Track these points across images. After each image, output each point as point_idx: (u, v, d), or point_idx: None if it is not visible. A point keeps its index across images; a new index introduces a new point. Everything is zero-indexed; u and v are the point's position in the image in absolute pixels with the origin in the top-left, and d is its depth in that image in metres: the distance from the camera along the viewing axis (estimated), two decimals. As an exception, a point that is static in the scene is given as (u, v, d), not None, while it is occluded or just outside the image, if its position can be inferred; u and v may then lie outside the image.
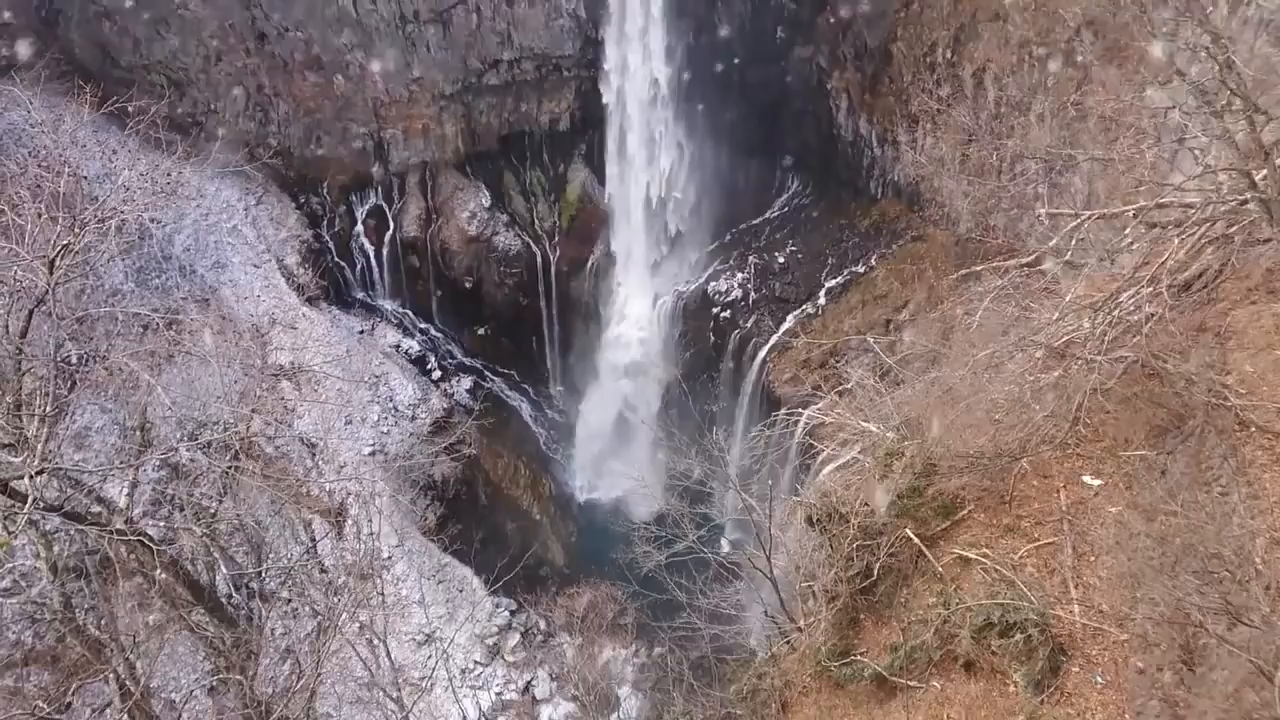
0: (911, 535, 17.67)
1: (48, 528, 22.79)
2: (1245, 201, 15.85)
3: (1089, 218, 17.94)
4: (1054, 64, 39.33)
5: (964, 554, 17.06)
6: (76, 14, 49.20)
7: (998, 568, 16.31)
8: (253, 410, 27.42)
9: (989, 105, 42.81)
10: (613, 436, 60.09)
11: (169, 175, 46.24)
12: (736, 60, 54.78)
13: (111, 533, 21.03)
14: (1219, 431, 14.96)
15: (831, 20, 51.30)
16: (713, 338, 53.72)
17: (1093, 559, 16.03)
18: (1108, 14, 33.45)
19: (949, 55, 44.85)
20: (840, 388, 30.98)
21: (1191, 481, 14.95)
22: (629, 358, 58.85)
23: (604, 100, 55.33)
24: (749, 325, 51.52)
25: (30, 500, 18.67)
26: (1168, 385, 16.37)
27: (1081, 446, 17.47)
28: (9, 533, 19.13)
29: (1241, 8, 28.51)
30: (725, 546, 38.09)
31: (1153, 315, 16.21)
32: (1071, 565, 16.00)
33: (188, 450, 28.12)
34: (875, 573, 18.08)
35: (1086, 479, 17.13)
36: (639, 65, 53.21)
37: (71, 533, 25.52)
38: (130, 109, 31.72)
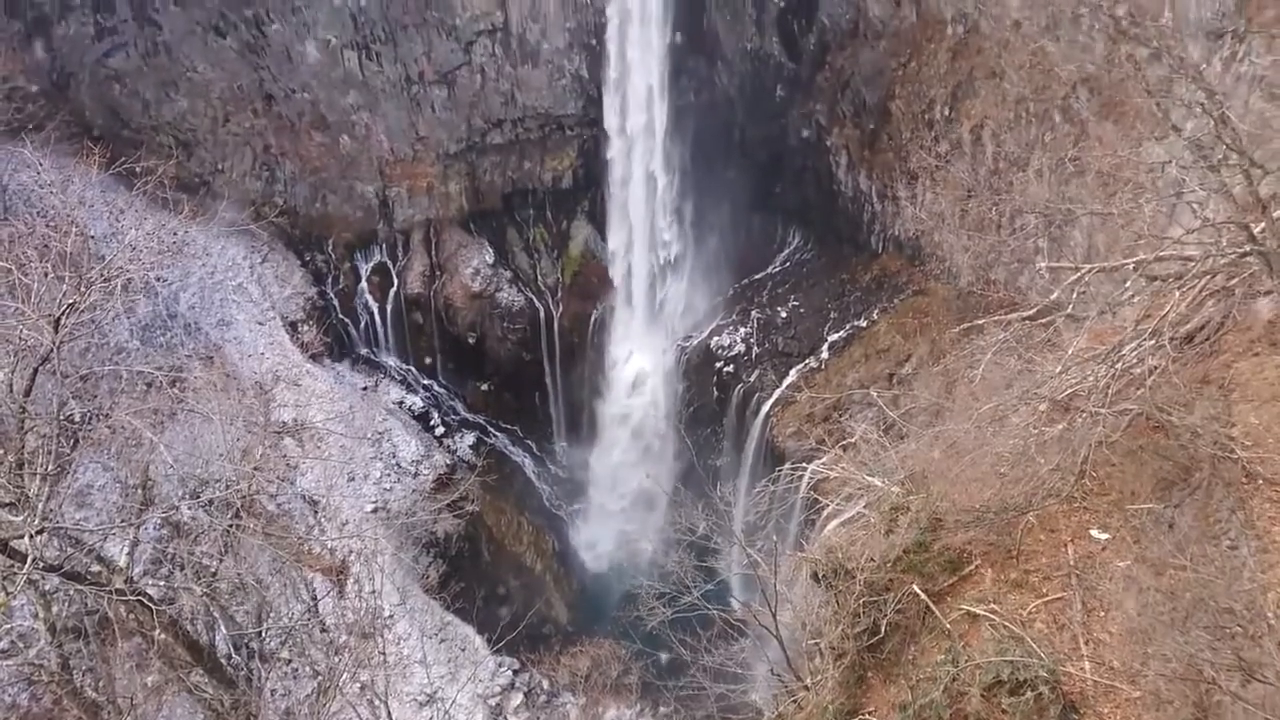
0: (918, 591, 17.47)
1: (47, 588, 22.60)
2: (1245, 254, 15.92)
3: (1089, 271, 18.02)
4: (1051, 120, 39.81)
5: (972, 610, 16.84)
6: (88, 77, 50.03)
7: (1006, 624, 16.09)
8: (255, 468, 27.30)
9: (987, 161, 43.26)
10: (616, 492, 59.80)
11: (175, 234, 46.69)
12: (737, 118, 55.60)
13: (111, 593, 20.84)
14: (1226, 484, 14.86)
15: (830, 78, 52.10)
16: (716, 392, 53.72)
17: (1103, 614, 15.83)
18: (1103, 71, 33.95)
19: (947, 112, 45.43)
20: (844, 442, 30.85)
21: (1200, 535, 14.81)
22: (632, 413, 58.82)
23: (606, 158, 55.97)
24: (752, 379, 51.55)
25: (30, 560, 18.53)
26: (1173, 438, 16.30)
27: (1088, 500, 17.34)
28: (8, 593, 18.96)
29: (1234, 64, 28.92)
30: (731, 603, 37.70)
31: (1156, 368, 16.20)
32: (1081, 621, 15.79)
33: (189, 508, 27.97)
34: (882, 629, 17.84)
35: (1094, 533, 16.98)
36: (641, 123, 53.93)
37: (71, 593, 25.32)
38: (138, 169, 32.16)
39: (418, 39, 51.90)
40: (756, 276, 56.99)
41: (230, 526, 25.35)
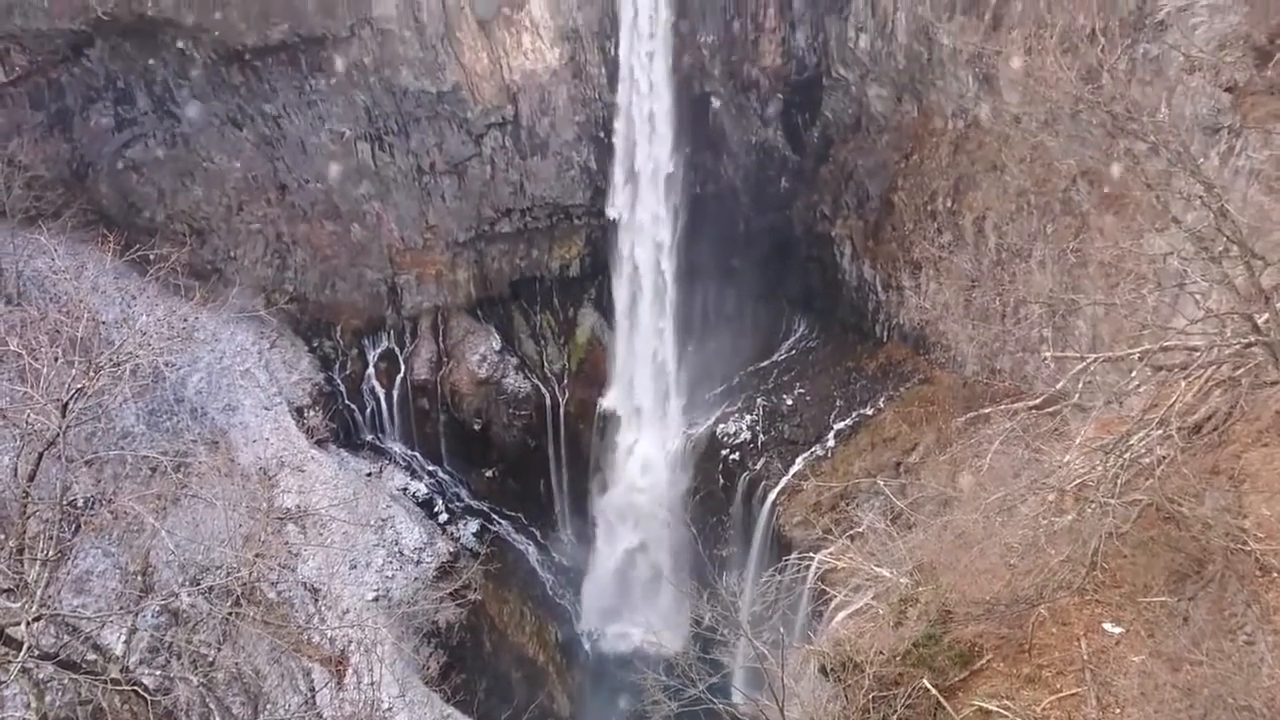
0: (929, 686, 17.10)
1: (41, 676, 22.20)
2: (1249, 345, 15.98)
3: (1095, 361, 18.08)
4: (1052, 212, 40.35)
5: (984, 705, 16.46)
6: (106, 167, 51.08)
7: (1020, 720, 15.72)
8: (257, 555, 27.04)
9: (990, 252, 43.75)
10: (621, 581, 59.02)
11: (186, 320, 47.04)
12: (742, 208, 56.47)
13: (106, 682, 20.46)
14: (1240, 577, 14.66)
15: (834, 171, 53.06)
16: (722, 480, 53.40)
17: (1118, 711, 15.45)
18: (1101, 165, 34.53)
19: (949, 204, 46.11)
20: (852, 531, 30.61)
21: (1215, 629, 14.55)
22: (637, 501, 58.36)
23: (613, 247, 56.69)
24: (758, 467, 51.28)
25: (25, 648, 18.26)
26: (1184, 529, 16.13)
27: (1100, 592, 17.09)
28: (0, 682, 18.63)
29: (1232, 159, 29.45)
30: (737, 696, 36.85)
31: (1164, 458, 16.12)
32: (1096, 718, 15.42)
33: (189, 595, 27.66)
34: (893, 726, 17.42)
35: (1107, 626, 16.69)
36: (648, 213, 54.76)
37: (65, 681, 24.86)
38: (152, 256, 32.59)
39: (430, 131, 53.09)
40: (762, 364, 57.15)
41: (230, 614, 25.02)
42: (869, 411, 50.35)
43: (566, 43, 50.63)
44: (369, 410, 58.83)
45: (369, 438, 59.03)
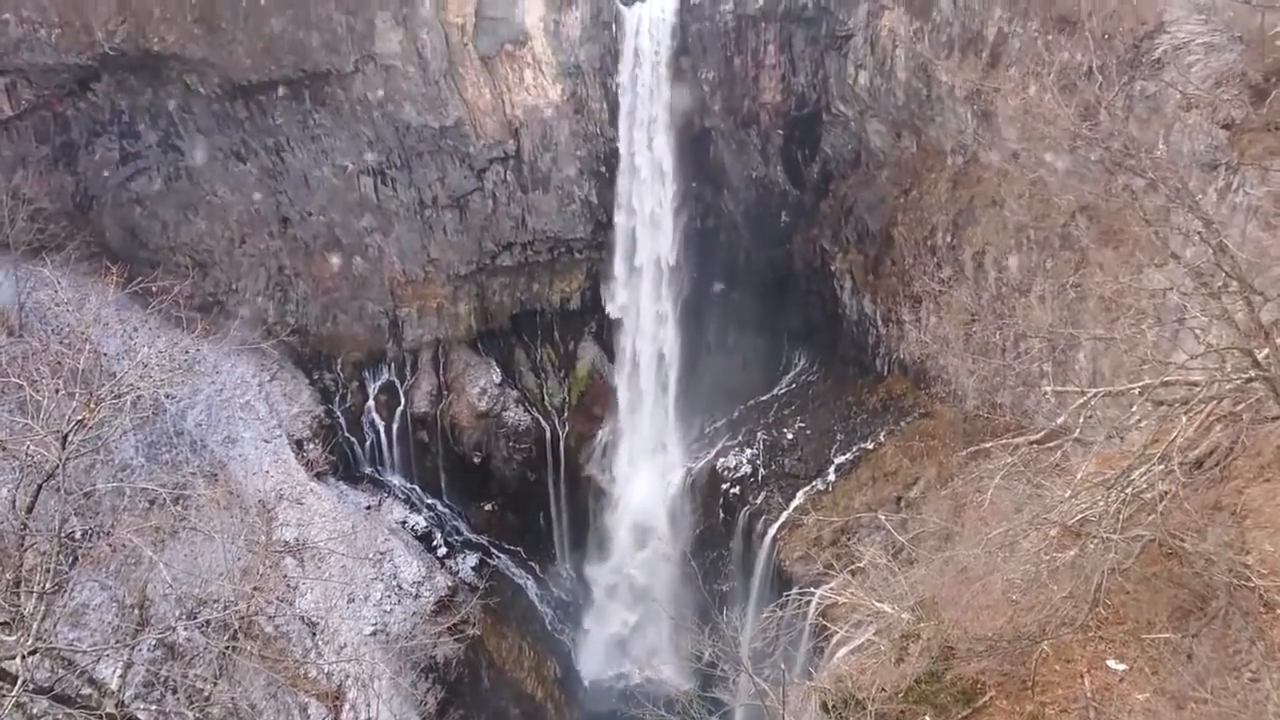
0: (932, 723, 16.96)
1: (35, 711, 22.00)
2: (1250, 380, 15.97)
3: (1095, 395, 18.07)
4: (1052, 247, 40.50)
5: (987, 744, 16.32)
6: (110, 200, 51.34)
7: (1024, 759, 15.56)
8: (255, 588, 26.89)
9: (990, 286, 43.86)
10: (620, 617, 58.62)
11: (187, 352, 47.09)
12: (742, 242, 56.74)
13: (101, 717, 20.27)
14: (1244, 614, 14.57)
15: (833, 206, 53.35)
16: (722, 514, 53.20)
17: (1123, 750, 15.30)
18: (1100, 200, 34.68)
19: (949, 239, 46.29)
20: (853, 566, 30.39)
21: (1220, 666, 14.44)
22: (637, 535, 58.14)
23: (614, 279, 56.88)
24: (759, 501, 51.10)
25: (20, 682, 18.10)
26: (1187, 565, 16.05)
27: (1103, 629, 16.98)
28: (-5, 716, 18.47)
29: (1230, 195, 29.61)
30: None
31: (1166, 493, 16.06)
32: (1101, 757, 15.26)
33: (185, 629, 27.48)
34: (895, 764, 17.25)
35: (1111, 663, 16.56)
36: (649, 247, 55.02)
37: (60, 716, 24.63)
38: (154, 288, 32.65)
39: (432, 165, 53.43)
40: (762, 398, 57.12)
41: (226, 648, 24.84)
42: (870, 445, 50.26)
43: (568, 79, 51.08)
44: (369, 443, 58.74)
45: (368, 470, 58.90)
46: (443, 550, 56.44)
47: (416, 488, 59.74)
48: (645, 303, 56.42)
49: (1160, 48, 33.98)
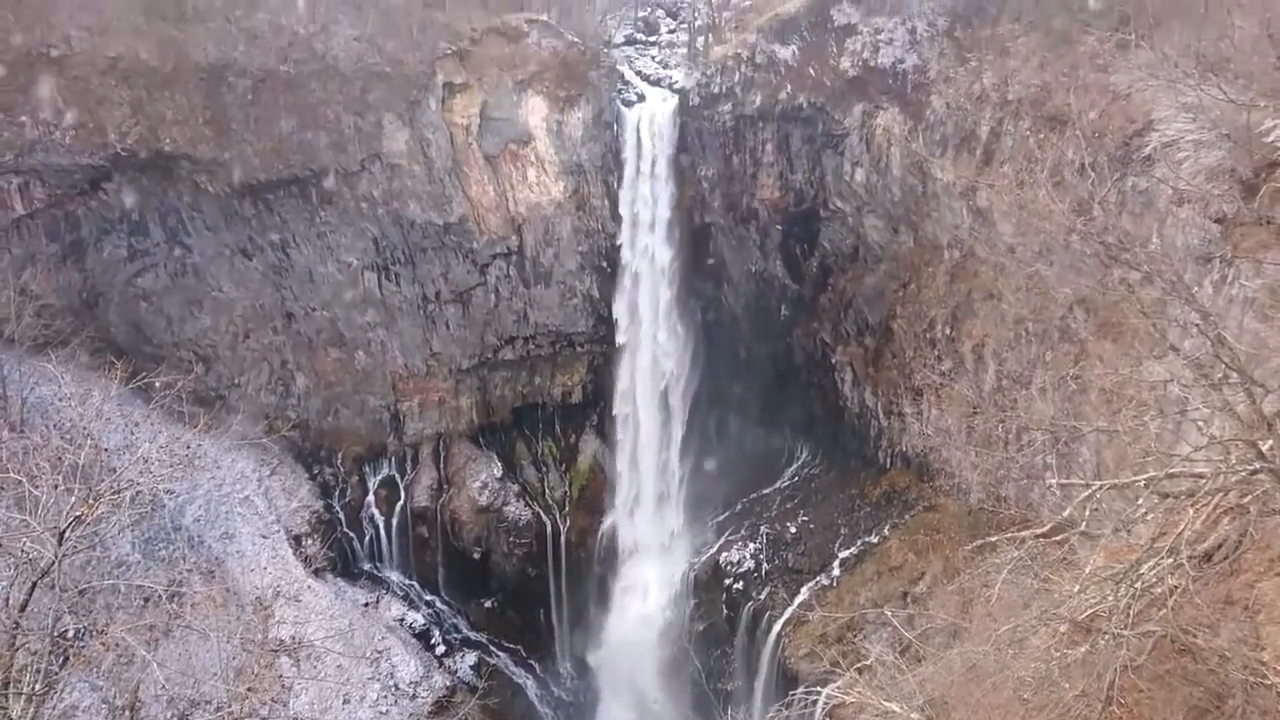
0: (945, 830, 16.40)
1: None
2: (1255, 472, 15.87)
3: (1101, 488, 17.91)
4: (1050, 339, 40.68)
5: None
6: (117, 296, 51.76)
7: None
8: (249, 689, 26.32)
9: (990, 378, 43.95)
10: (624, 717, 57.17)
11: (188, 447, 47.00)
12: (743, 336, 57.09)
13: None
14: (1262, 713, 14.20)
15: (833, 299, 53.81)
16: (725, 610, 52.33)
17: None
18: (1097, 293, 35.00)
19: (948, 331, 46.57)
20: (859, 664, 29.74)
21: (1240, 769, 14.02)
22: (639, 632, 57.05)
23: (616, 374, 57.05)
24: (762, 597, 50.32)
25: (5, 788, 17.59)
26: (1201, 662, 15.70)
27: (1118, 729, 16.52)
28: (-23, 825, 17.87)
29: (1225, 286, 29.89)
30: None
31: (1176, 587, 15.81)
32: None
33: (177, 732, 26.78)
34: None
35: (1128, 765, 16.08)
36: (649, 340, 55.35)
37: (43, 825, 23.82)
38: (157, 384, 32.70)
39: (436, 261, 54.11)
40: (765, 491, 56.71)
41: (218, 752, 24.21)
42: (874, 539, 49.71)
43: (571, 176, 52.10)
44: (367, 538, 58.14)
45: (367, 566, 58.17)
46: (441, 648, 55.40)
47: (415, 584, 58.93)
48: (645, 394, 56.47)
49: (1150, 145, 34.72)
